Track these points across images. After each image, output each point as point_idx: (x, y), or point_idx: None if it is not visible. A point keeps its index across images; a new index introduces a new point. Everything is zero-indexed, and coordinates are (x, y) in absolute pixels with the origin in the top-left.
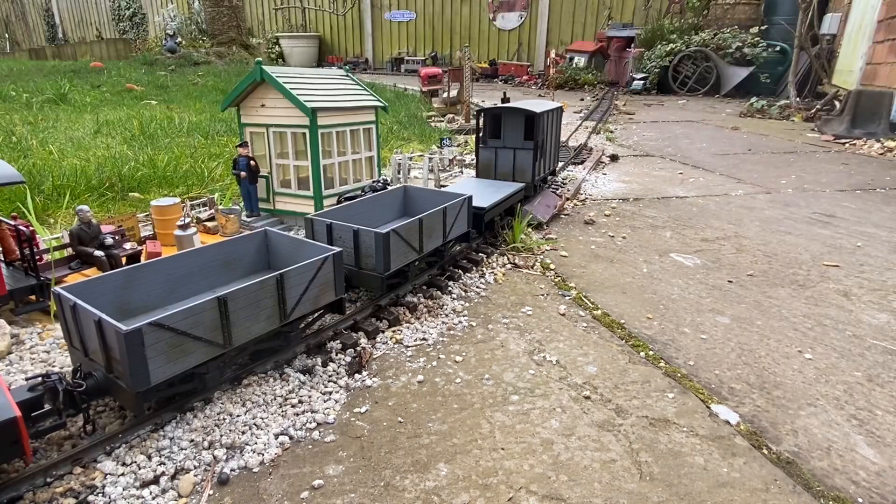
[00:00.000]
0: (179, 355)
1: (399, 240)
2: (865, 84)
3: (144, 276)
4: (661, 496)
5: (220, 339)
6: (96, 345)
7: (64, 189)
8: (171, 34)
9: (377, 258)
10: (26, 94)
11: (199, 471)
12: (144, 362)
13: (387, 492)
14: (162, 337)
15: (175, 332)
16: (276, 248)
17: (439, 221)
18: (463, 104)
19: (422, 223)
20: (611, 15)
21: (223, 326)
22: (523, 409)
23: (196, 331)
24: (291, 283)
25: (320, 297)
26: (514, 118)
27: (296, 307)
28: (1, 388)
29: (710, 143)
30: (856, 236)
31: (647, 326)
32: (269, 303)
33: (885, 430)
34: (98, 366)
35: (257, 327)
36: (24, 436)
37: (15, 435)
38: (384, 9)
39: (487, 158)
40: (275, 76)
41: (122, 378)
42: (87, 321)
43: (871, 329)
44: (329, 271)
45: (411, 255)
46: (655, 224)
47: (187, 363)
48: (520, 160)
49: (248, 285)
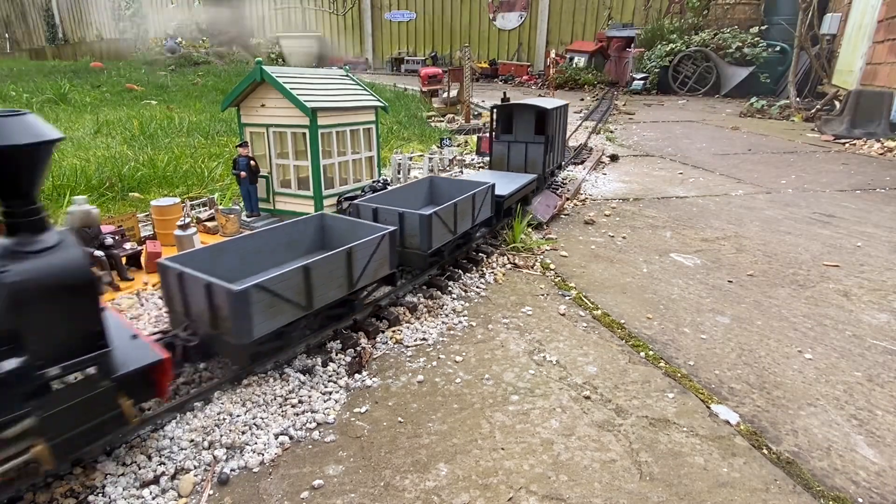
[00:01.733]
0: (274, 314)
1: (439, 221)
2: (865, 84)
3: (225, 252)
4: (661, 496)
5: (304, 302)
6: (202, 306)
7: (64, 189)
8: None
9: (421, 237)
10: (26, 94)
11: (199, 471)
12: (250, 319)
13: (387, 492)
14: (262, 298)
15: (272, 293)
16: (330, 230)
17: (469, 206)
18: (463, 104)
19: (456, 207)
20: (611, 15)
21: (307, 291)
22: (523, 409)
23: (287, 293)
24: (358, 256)
25: (378, 270)
26: (525, 114)
27: (360, 278)
28: (140, 336)
29: (710, 143)
30: (856, 236)
31: (647, 326)
32: (341, 273)
33: (885, 430)
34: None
35: (331, 293)
36: (169, 376)
37: (163, 374)
38: (384, 9)
39: (500, 152)
40: (275, 76)
41: (227, 333)
42: (195, 286)
43: (871, 329)
44: (385, 247)
45: (448, 235)
46: (655, 224)
47: (279, 322)
48: (531, 153)
49: (325, 256)
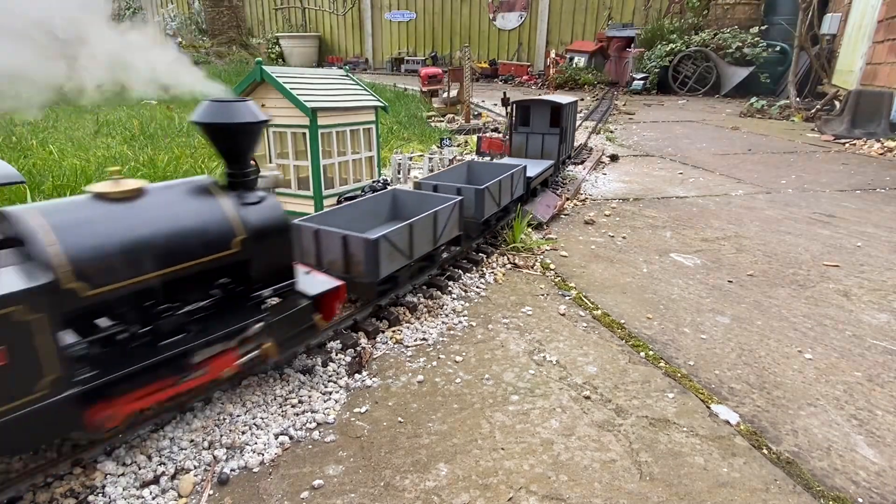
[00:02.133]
0: (391, 260)
1: (489, 195)
2: (865, 84)
3: (335, 215)
4: (661, 496)
5: (408, 252)
6: (337, 255)
7: (64, 189)
8: (171, 34)
9: (476, 208)
10: None
11: (199, 471)
12: (378, 262)
13: (387, 492)
14: (385, 246)
15: (391, 243)
16: (402, 202)
17: (510, 183)
18: (463, 104)
19: (501, 183)
20: (611, 15)
21: (410, 244)
22: (523, 409)
23: (399, 244)
24: (440, 218)
25: (451, 231)
26: (541, 108)
27: (440, 236)
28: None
29: (710, 143)
30: (856, 236)
31: (647, 326)
32: (429, 231)
33: (885, 430)
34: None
35: (423, 248)
36: (343, 299)
37: (338, 297)
38: (384, 9)
39: (519, 142)
40: (275, 76)
41: (359, 275)
42: (331, 239)
43: (871, 329)
44: (456, 213)
45: (494, 207)
46: (655, 224)
47: (393, 266)
48: (547, 143)
49: (421, 217)
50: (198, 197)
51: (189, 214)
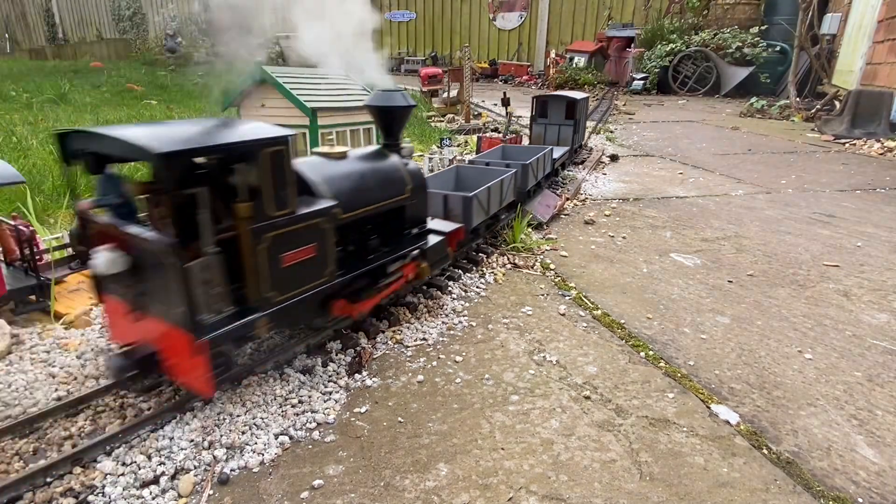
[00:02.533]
0: (478, 214)
1: (531, 170)
2: (865, 84)
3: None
4: (661, 496)
5: (487, 208)
6: (438, 210)
7: (64, 189)
8: (171, 34)
9: (522, 180)
10: (26, 94)
11: (199, 471)
12: (472, 214)
13: (387, 492)
14: (475, 203)
15: (478, 200)
16: (464, 176)
17: (542, 161)
18: (463, 104)
19: (538, 161)
20: (611, 15)
21: (488, 202)
22: (523, 409)
23: (483, 202)
24: (504, 186)
25: (510, 196)
26: (558, 102)
27: (504, 199)
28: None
29: (710, 143)
30: (856, 236)
31: (647, 326)
32: (498, 194)
33: (885, 430)
34: None
35: (494, 206)
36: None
37: (459, 236)
38: (384, 9)
39: (538, 131)
40: (275, 76)
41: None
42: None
43: (871, 329)
44: (514, 182)
45: (532, 180)
46: (655, 224)
47: (478, 220)
48: (563, 133)
49: (495, 182)
50: (381, 158)
51: (383, 168)
